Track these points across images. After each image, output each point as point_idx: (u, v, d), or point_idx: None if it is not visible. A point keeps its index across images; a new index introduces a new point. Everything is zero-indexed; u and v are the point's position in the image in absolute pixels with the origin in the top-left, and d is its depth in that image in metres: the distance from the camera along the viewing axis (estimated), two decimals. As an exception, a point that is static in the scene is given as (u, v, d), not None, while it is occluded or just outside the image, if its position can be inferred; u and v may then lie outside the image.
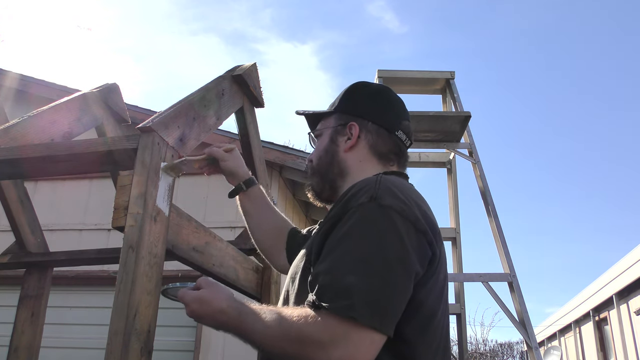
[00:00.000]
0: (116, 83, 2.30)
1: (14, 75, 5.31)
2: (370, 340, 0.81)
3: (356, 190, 0.94)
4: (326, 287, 0.84)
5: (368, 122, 1.15)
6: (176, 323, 4.10)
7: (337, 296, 0.81)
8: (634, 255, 8.53)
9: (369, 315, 0.80)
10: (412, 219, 0.89)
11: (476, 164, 4.03)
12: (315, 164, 1.21)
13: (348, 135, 1.15)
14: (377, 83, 1.27)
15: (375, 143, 1.14)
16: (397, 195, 0.91)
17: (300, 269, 1.02)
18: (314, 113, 1.27)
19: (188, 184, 4.65)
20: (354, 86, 1.24)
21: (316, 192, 1.21)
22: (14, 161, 1.54)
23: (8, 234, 2.30)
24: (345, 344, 0.80)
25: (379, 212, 0.88)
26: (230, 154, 1.46)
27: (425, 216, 0.93)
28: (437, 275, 0.93)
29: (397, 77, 4.52)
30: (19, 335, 2.16)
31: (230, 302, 0.94)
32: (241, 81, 1.99)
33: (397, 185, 0.95)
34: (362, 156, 1.14)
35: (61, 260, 2.28)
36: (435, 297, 0.93)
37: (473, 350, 17.14)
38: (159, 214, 1.40)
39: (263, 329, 0.88)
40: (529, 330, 3.29)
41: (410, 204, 0.91)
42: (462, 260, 4.10)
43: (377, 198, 0.90)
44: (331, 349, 0.80)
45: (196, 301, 0.96)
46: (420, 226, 0.90)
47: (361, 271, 0.83)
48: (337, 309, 0.80)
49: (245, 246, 2.36)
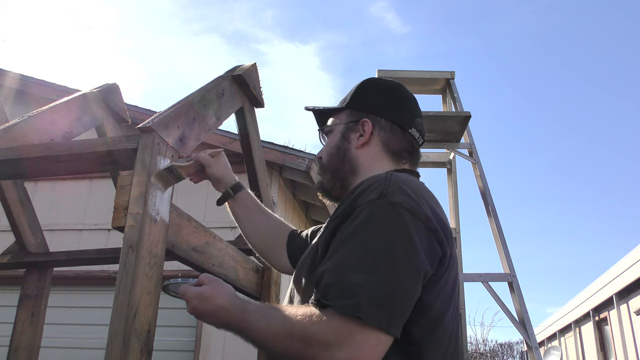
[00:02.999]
0: (116, 83, 2.30)
1: (14, 75, 5.31)
2: (377, 341, 0.78)
3: (365, 187, 0.91)
4: (332, 286, 0.81)
5: (381, 118, 1.11)
6: (176, 323, 4.11)
7: (343, 295, 0.79)
8: (634, 255, 8.52)
9: (376, 315, 0.77)
10: (423, 217, 0.86)
11: (476, 164, 4.04)
12: (325, 161, 1.17)
13: (360, 132, 1.12)
14: (389, 79, 1.23)
15: (388, 140, 1.10)
16: (407, 192, 0.88)
17: (306, 267, 0.99)
18: (324, 109, 1.23)
19: (188, 184, 4.65)
20: (365, 82, 1.20)
21: (326, 190, 1.17)
22: (14, 161, 1.54)
23: (8, 234, 2.30)
24: (350, 344, 0.77)
25: (388, 210, 0.85)
26: (216, 159, 1.42)
27: (436, 214, 0.90)
28: (447, 275, 0.90)
29: (397, 77, 4.52)
30: (19, 335, 2.16)
31: (233, 299, 0.92)
32: (241, 81, 1.98)
33: (407, 182, 0.92)
34: (374, 153, 1.11)
35: (61, 260, 2.28)
36: (446, 298, 0.90)
37: (473, 350, 17.14)
38: (158, 214, 1.40)
39: (266, 328, 0.85)
40: (529, 330, 3.29)
41: (421, 202, 0.88)
42: (462, 260, 4.10)
43: (386, 195, 0.87)
44: (336, 349, 0.78)
45: (197, 297, 0.94)
46: (430, 225, 0.87)
47: (368, 270, 0.80)
48: (343, 308, 0.78)
49: (245, 246, 2.35)
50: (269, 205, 2.36)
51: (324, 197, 1.19)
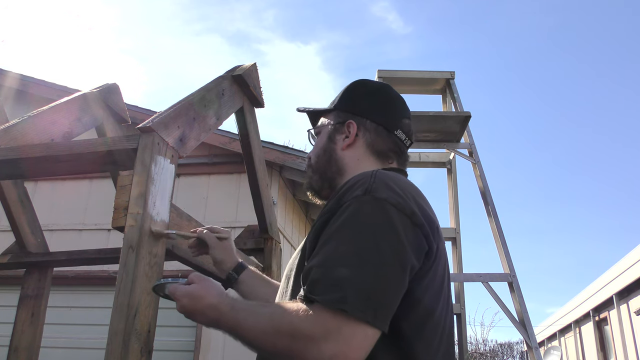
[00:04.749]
0: (116, 83, 2.31)
1: (14, 75, 5.31)
2: (364, 334, 0.78)
3: (351, 184, 0.93)
4: (318, 280, 0.82)
5: (366, 120, 1.14)
6: (176, 323, 4.11)
7: (329, 289, 0.80)
8: (634, 255, 8.52)
9: (362, 308, 0.78)
10: (408, 212, 0.87)
11: (476, 164, 4.04)
12: (313, 162, 1.19)
13: (346, 134, 1.14)
14: (378, 81, 1.26)
15: (373, 142, 1.12)
16: (392, 188, 0.90)
17: (295, 266, 1.00)
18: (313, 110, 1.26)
19: (188, 184, 4.66)
20: (353, 84, 1.23)
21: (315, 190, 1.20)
22: (14, 161, 1.54)
23: (8, 234, 2.30)
24: (337, 337, 0.77)
25: (373, 205, 0.87)
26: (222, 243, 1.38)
27: (422, 209, 0.91)
28: (434, 269, 0.91)
29: (397, 77, 4.53)
30: (19, 335, 2.16)
31: (222, 297, 0.93)
32: (241, 81, 1.99)
33: (393, 179, 0.93)
34: (359, 154, 1.13)
35: (61, 260, 2.28)
36: (435, 292, 0.91)
37: (473, 350, 17.14)
38: (158, 214, 1.40)
39: (254, 325, 0.86)
40: (529, 330, 3.29)
41: (407, 197, 0.90)
42: (462, 260, 4.10)
43: (371, 191, 0.88)
44: (323, 343, 0.78)
45: (187, 296, 0.94)
46: (416, 219, 0.88)
47: (354, 264, 0.81)
48: (329, 302, 0.78)
49: (245, 246, 2.36)
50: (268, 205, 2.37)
51: (314, 196, 1.22)
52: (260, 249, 2.34)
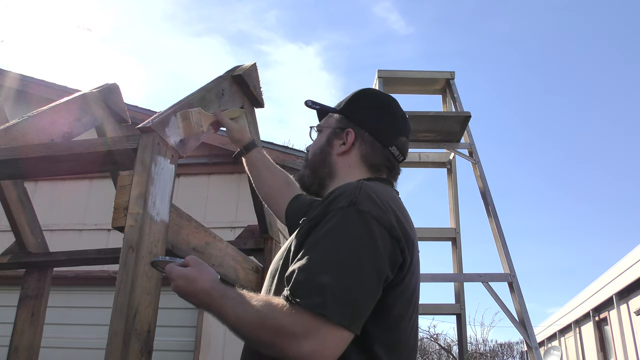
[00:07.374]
0: (116, 83, 2.30)
1: (14, 75, 5.30)
2: (340, 336, 0.86)
3: (338, 194, 0.99)
4: (301, 283, 0.89)
5: (365, 132, 1.18)
6: (176, 323, 4.11)
7: (311, 293, 0.87)
8: (634, 255, 8.52)
9: (340, 314, 0.85)
10: (388, 225, 0.95)
11: (476, 164, 4.03)
12: (309, 158, 1.26)
13: (344, 140, 1.19)
14: (386, 94, 1.30)
15: (367, 154, 1.18)
16: (375, 201, 0.96)
17: (280, 266, 1.06)
18: (321, 107, 1.31)
19: (188, 184, 4.65)
20: (362, 92, 1.27)
21: (306, 184, 1.26)
22: (14, 161, 1.54)
23: (8, 234, 2.30)
24: (316, 337, 0.85)
25: (357, 217, 0.94)
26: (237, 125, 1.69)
27: (400, 224, 0.98)
28: (408, 280, 0.99)
29: (397, 77, 4.52)
30: (19, 335, 2.16)
31: (215, 284, 0.97)
32: (241, 81, 1.98)
33: (377, 192, 1.00)
34: (352, 163, 1.18)
35: (61, 260, 2.28)
36: (405, 301, 0.99)
37: (473, 350, 17.12)
38: (158, 214, 1.40)
39: (242, 315, 0.91)
40: (529, 330, 3.29)
41: (387, 211, 0.97)
42: (462, 260, 4.10)
43: (356, 203, 0.95)
44: (302, 341, 0.85)
45: (182, 278, 0.98)
46: (394, 233, 0.95)
47: (335, 271, 0.88)
48: (310, 306, 0.85)
49: (245, 246, 2.36)
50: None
51: (303, 189, 1.29)
52: (260, 249, 2.34)
